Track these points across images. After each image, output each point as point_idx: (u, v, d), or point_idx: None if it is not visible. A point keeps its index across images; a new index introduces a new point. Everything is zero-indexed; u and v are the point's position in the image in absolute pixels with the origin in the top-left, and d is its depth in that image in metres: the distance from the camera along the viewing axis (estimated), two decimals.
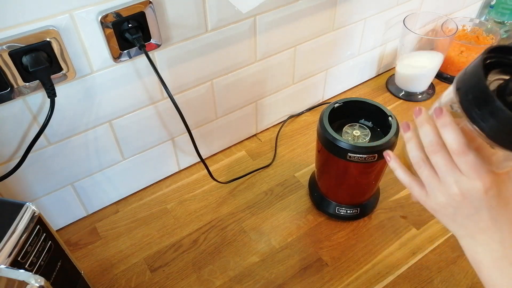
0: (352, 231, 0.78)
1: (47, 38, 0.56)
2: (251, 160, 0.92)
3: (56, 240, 0.52)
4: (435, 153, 0.43)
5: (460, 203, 0.43)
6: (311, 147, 0.94)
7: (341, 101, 0.73)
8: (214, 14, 0.70)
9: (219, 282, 0.71)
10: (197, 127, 0.84)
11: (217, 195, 0.85)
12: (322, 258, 0.74)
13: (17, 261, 0.45)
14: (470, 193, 0.42)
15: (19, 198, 0.69)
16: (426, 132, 0.44)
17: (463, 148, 0.41)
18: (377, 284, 0.70)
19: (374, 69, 1.11)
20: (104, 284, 0.71)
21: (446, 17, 1.02)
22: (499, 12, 1.21)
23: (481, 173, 0.41)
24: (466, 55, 1.05)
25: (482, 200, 0.42)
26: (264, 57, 0.83)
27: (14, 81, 0.57)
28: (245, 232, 0.78)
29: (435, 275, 0.71)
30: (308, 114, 1.03)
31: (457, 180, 0.42)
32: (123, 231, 0.79)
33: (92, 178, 0.77)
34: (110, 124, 0.72)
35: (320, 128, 0.70)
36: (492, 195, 0.41)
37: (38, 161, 0.68)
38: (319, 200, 0.81)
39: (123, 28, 0.61)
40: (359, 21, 0.94)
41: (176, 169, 0.89)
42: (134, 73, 0.68)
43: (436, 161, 0.43)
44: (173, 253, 0.75)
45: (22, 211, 0.47)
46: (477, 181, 0.41)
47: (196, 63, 0.74)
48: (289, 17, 0.80)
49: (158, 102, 0.75)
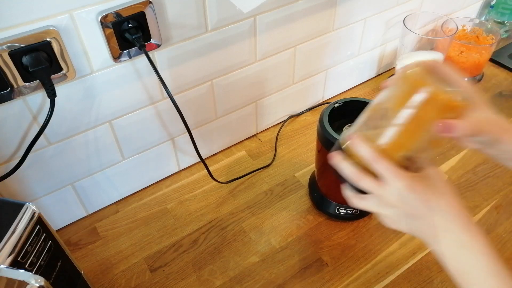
0: (352, 231, 0.78)
1: (47, 38, 0.56)
2: (251, 160, 0.92)
3: (56, 240, 0.52)
4: (358, 181, 0.47)
5: (398, 208, 0.46)
6: (311, 147, 0.94)
7: (341, 101, 0.73)
8: (214, 14, 0.70)
9: (219, 282, 0.71)
10: (197, 127, 0.84)
11: (217, 195, 0.85)
12: (322, 258, 0.74)
13: (17, 261, 0.45)
14: (399, 195, 0.45)
15: (19, 198, 0.69)
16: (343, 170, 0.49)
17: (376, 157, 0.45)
18: (377, 284, 0.70)
19: (374, 69, 1.11)
20: (104, 284, 0.71)
21: (446, 17, 1.02)
22: (499, 12, 1.21)
23: (398, 173, 0.44)
24: (466, 55, 1.05)
25: (410, 196, 0.44)
26: (264, 57, 0.83)
27: (14, 81, 0.57)
28: (245, 232, 0.78)
29: (435, 275, 0.71)
30: (308, 114, 1.03)
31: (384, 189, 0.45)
32: (123, 231, 0.79)
33: (92, 178, 0.77)
34: (110, 124, 0.72)
35: (320, 128, 0.70)
36: (418, 190, 0.44)
37: (38, 161, 0.68)
38: (319, 200, 0.81)
39: (123, 28, 0.61)
40: (359, 21, 0.94)
41: (176, 169, 0.89)
42: (134, 73, 0.68)
43: (363, 186, 0.47)
44: (173, 253, 0.75)
45: (22, 211, 0.47)
46: (398, 181, 0.44)
47: (196, 63, 0.74)
48: (289, 17, 0.80)
49: (158, 102, 0.75)
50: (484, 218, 0.78)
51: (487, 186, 0.84)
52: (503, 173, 0.86)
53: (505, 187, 0.84)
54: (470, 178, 0.86)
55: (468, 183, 0.85)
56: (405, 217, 0.46)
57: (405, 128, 0.44)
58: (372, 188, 0.47)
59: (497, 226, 0.77)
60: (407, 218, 0.46)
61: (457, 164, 0.89)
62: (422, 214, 0.45)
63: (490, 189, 0.83)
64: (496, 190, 0.83)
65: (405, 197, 0.45)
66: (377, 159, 0.45)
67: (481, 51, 1.04)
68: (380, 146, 0.45)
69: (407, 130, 0.44)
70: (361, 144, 0.47)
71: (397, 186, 0.44)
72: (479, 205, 0.81)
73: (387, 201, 0.46)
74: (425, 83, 0.43)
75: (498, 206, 0.81)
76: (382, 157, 0.45)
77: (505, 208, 0.80)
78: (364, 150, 0.46)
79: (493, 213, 0.79)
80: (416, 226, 0.46)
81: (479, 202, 0.81)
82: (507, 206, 0.80)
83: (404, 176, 0.44)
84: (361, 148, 0.47)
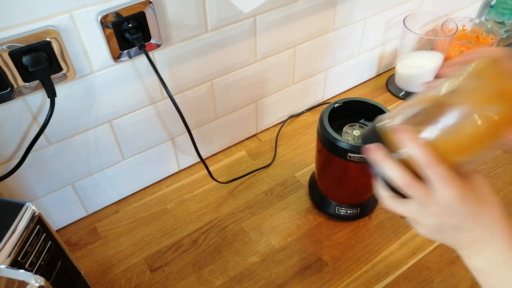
0: (352, 231, 0.78)
1: (47, 38, 0.56)
2: (251, 160, 0.92)
3: (56, 240, 0.52)
4: (408, 188, 0.42)
5: (443, 219, 0.42)
6: (311, 147, 0.94)
7: (341, 101, 0.73)
8: (214, 14, 0.70)
9: (219, 282, 0.71)
10: (197, 127, 0.84)
11: (217, 195, 0.85)
12: (322, 258, 0.74)
13: (17, 261, 0.45)
14: (448, 205, 0.40)
15: (19, 198, 0.69)
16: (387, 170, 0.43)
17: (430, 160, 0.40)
18: (377, 284, 0.70)
19: (374, 69, 1.11)
20: (104, 284, 0.71)
21: (446, 17, 1.02)
22: (499, 12, 1.21)
23: (453, 182, 0.40)
24: None
25: (462, 208, 0.40)
26: (264, 57, 0.83)
27: (14, 81, 0.57)
28: (245, 232, 0.78)
29: (435, 275, 0.71)
30: (308, 114, 1.03)
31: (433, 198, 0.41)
32: (123, 231, 0.79)
33: (92, 178, 0.77)
34: (110, 124, 0.72)
35: (320, 128, 0.70)
36: (470, 202, 0.40)
37: (38, 161, 0.68)
38: (319, 200, 0.81)
39: (123, 28, 0.61)
40: (359, 21, 0.94)
41: (176, 169, 0.89)
42: (134, 73, 0.68)
43: (412, 193, 0.42)
44: (173, 253, 0.75)
45: (22, 211, 0.47)
46: (450, 190, 0.40)
47: (196, 63, 0.74)
48: (289, 17, 0.80)
49: (158, 102, 0.75)
50: None
51: None
52: (503, 173, 0.86)
53: (505, 187, 0.84)
54: None
55: None
56: (449, 229, 0.42)
57: (477, 130, 0.37)
58: (422, 195, 0.41)
59: None
60: (450, 229, 0.42)
61: None
62: (470, 227, 0.41)
63: None
64: (496, 190, 0.83)
65: (454, 208, 0.40)
66: (433, 164, 0.39)
67: None
68: (438, 147, 0.39)
69: (479, 133, 0.38)
70: (416, 142, 0.40)
71: (448, 195, 0.40)
72: None
73: (432, 210, 0.41)
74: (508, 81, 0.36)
75: None
76: (439, 162, 0.39)
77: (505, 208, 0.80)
78: (418, 150, 0.40)
79: None
80: (458, 238, 0.42)
81: None
82: (507, 206, 0.80)
83: (457, 185, 0.39)
84: (415, 147, 0.40)
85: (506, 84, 0.36)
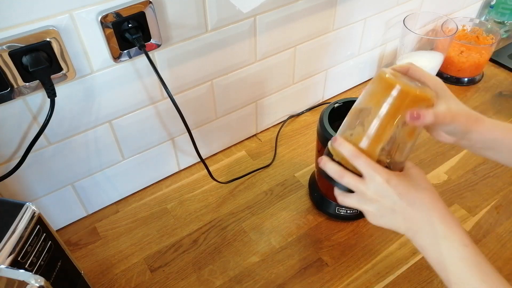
0: (352, 231, 0.78)
1: (47, 38, 0.56)
2: (251, 160, 0.92)
3: (56, 240, 0.52)
4: (341, 178, 0.50)
5: (379, 203, 0.48)
6: (311, 147, 0.94)
7: (341, 101, 0.73)
8: (214, 14, 0.70)
9: (219, 282, 0.71)
10: (197, 127, 0.84)
11: (217, 195, 0.85)
12: (322, 258, 0.74)
13: (17, 261, 0.45)
14: (377, 189, 0.47)
15: (19, 198, 0.69)
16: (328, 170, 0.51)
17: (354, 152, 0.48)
18: (377, 284, 0.70)
19: (374, 69, 1.11)
20: (104, 284, 0.71)
21: (446, 17, 1.02)
22: (499, 12, 1.21)
23: (377, 169, 0.47)
24: (466, 55, 1.05)
25: (388, 190, 0.47)
26: (264, 57, 0.83)
27: (14, 81, 0.57)
28: (245, 232, 0.78)
29: (435, 275, 0.70)
30: (308, 114, 1.03)
31: (364, 185, 0.48)
32: (123, 231, 0.79)
33: (92, 178, 0.77)
34: (110, 124, 0.72)
35: (320, 128, 0.70)
36: (395, 184, 0.47)
37: (38, 161, 0.68)
38: (319, 200, 0.81)
39: (123, 28, 0.61)
40: (359, 21, 0.94)
41: (176, 169, 0.89)
42: (134, 73, 0.68)
43: (346, 182, 0.49)
44: (173, 253, 0.75)
45: (22, 211, 0.47)
46: (376, 176, 0.47)
47: (196, 63, 0.74)
48: (289, 17, 0.80)
49: (158, 102, 0.75)
50: (484, 218, 0.78)
51: (487, 186, 0.84)
52: (503, 173, 0.86)
53: (505, 187, 0.84)
54: (470, 178, 0.86)
55: (468, 183, 0.85)
56: (386, 212, 0.48)
57: (380, 122, 0.48)
58: (354, 183, 0.49)
59: (497, 226, 0.77)
60: (387, 212, 0.48)
61: (457, 164, 0.89)
62: (401, 207, 0.47)
63: (490, 189, 0.83)
64: (496, 190, 0.83)
65: (383, 191, 0.47)
66: (357, 155, 0.48)
67: (481, 51, 1.04)
68: (360, 143, 0.49)
69: (381, 123, 0.48)
70: (342, 143, 0.49)
71: (376, 180, 0.47)
72: (479, 205, 0.81)
73: (368, 196, 0.48)
74: (395, 81, 0.47)
75: (498, 206, 0.80)
76: (361, 153, 0.48)
77: (505, 208, 0.80)
78: (345, 149, 0.49)
79: (493, 213, 0.79)
80: (396, 220, 0.48)
81: (479, 202, 0.81)
82: (507, 206, 0.80)
83: (382, 171, 0.47)
84: (342, 147, 0.49)
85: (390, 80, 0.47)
